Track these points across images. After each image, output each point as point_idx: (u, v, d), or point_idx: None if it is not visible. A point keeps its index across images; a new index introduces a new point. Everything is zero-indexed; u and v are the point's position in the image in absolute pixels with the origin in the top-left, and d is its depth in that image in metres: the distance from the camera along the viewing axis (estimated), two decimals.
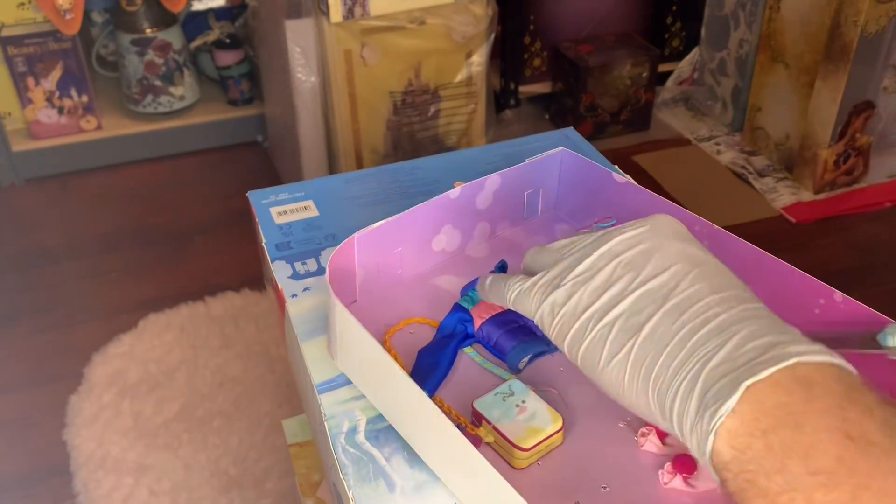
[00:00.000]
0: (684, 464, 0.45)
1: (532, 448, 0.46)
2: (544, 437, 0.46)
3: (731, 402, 0.33)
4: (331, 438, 0.47)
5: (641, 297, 0.39)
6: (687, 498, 0.45)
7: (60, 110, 1.73)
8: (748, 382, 0.33)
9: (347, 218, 0.65)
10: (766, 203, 1.63)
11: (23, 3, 1.65)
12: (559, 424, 0.47)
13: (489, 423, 0.47)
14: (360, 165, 1.53)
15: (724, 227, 0.54)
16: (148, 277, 1.47)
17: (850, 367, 0.34)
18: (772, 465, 0.32)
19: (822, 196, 1.64)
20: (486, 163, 0.71)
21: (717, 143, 1.82)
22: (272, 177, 1.72)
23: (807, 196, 1.64)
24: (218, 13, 1.85)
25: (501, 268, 0.58)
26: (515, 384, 0.49)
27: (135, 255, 1.54)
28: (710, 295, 0.38)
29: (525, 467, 0.47)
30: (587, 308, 0.40)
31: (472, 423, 0.48)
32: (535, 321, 0.43)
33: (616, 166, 0.64)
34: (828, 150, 1.60)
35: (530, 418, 0.47)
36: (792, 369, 0.33)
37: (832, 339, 0.46)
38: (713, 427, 0.33)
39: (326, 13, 1.37)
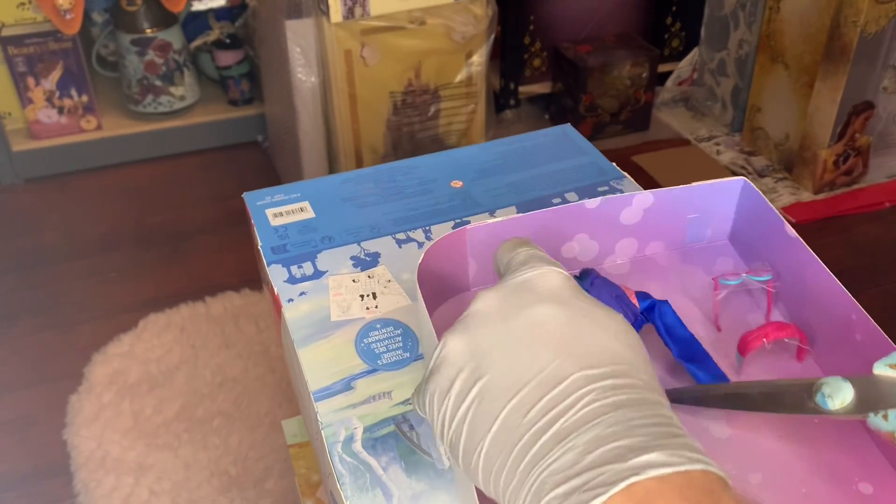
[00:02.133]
0: None
1: None
2: None
3: None
4: (327, 447, 0.46)
5: (488, 386, 0.35)
6: None
7: (60, 110, 1.73)
8: None
9: (344, 219, 0.64)
10: None
11: (23, 3, 1.65)
12: None
13: None
14: (359, 165, 1.53)
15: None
16: (148, 277, 1.47)
17: (710, 467, 0.31)
18: None
19: (821, 196, 1.64)
20: (483, 161, 0.70)
21: (717, 144, 1.82)
22: (272, 177, 1.72)
23: (806, 196, 1.64)
24: (218, 13, 1.85)
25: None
26: None
27: (135, 254, 1.54)
28: (556, 385, 0.34)
29: None
30: (440, 408, 0.37)
31: None
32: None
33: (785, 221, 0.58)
34: (827, 151, 1.60)
35: None
36: (627, 492, 0.29)
37: (768, 399, 0.45)
38: None
39: (326, 13, 1.37)
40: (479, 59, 1.52)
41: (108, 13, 1.80)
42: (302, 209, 0.65)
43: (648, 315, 0.53)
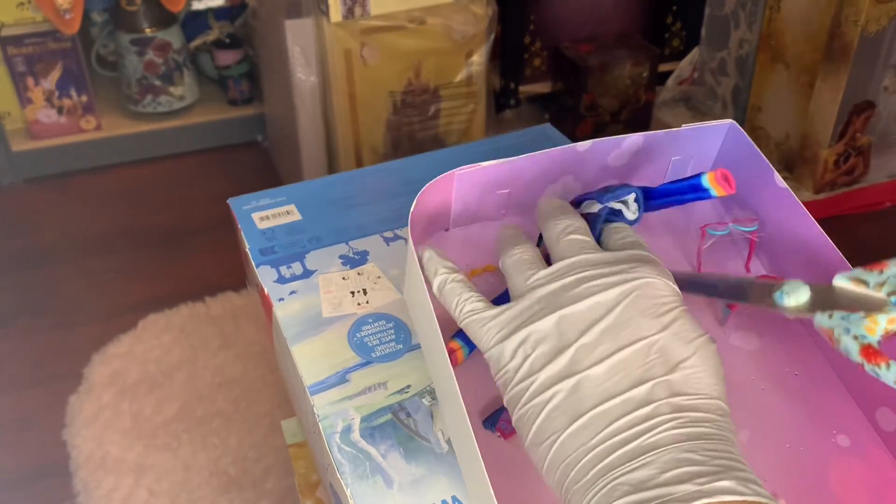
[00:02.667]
0: None
1: None
2: None
3: None
4: (326, 438, 0.47)
5: (580, 385, 0.37)
6: None
7: (60, 110, 1.73)
8: None
9: (331, 220, 0.64)
10: None
11: (22, 3, 1.65)
12: None
13: None
14: (359, 165, 1.53)
15: None
16: (147, 277, 1.47)
17: (772, 502, 0.33)
18: None
19: (822, 196, 1.64)
20: (466, 162, 0.70)
21: None
22: (272, 177, 1.72)
23: (807, 196, 1.64)
24: (218, 13, 1.85)
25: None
26: None
27: (134, 255, 1.54)
28: (647, 405, 0.36)
29: None
30: (528, 376, 0.38)
31: None
32: (485, 358, 0.42)
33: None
34: (828, 150, 1.59)
35: None
36: None
37: (735, 291, 0.47)
38: None
39: (326, 13, 1.37)
40: (479, 58, 1.51)
41: (107, 13, 1.80)
42: (288, 212, 0.65)
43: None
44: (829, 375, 0.51)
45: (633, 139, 0.57)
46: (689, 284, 0.49)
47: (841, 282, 0.43)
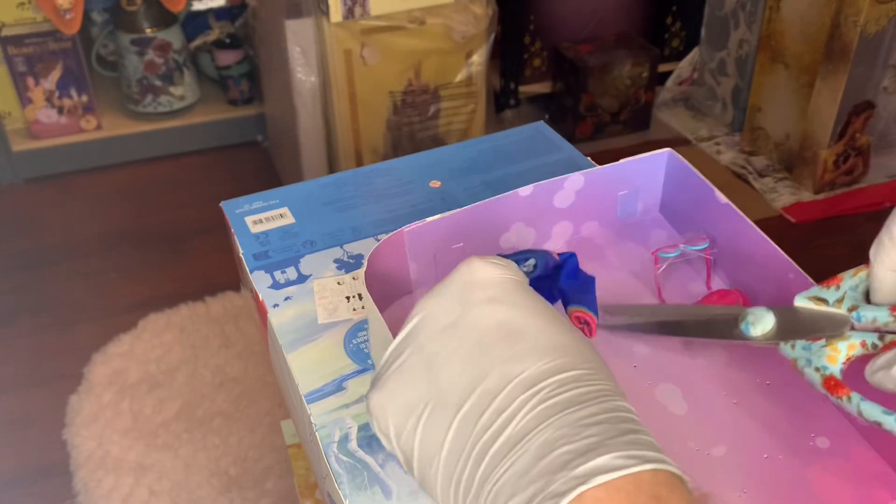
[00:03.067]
0: None
1: None
2: None
3: None
4: (323, 448, 0.47)
5: (441, 395, 0.35)
6: None
7: (60, 110, 1.73)
8: None
9: (325, 224, 0.64)
10: (766, 203, 1.63)
11: (23, 3, 1.65)
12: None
13: None
14: (359, 165, 1.53)
15: None
16: (148, 277, 1.47)
17: (659, 466, 0.30)
18: None
19: (821, 196, 1.64)
20: (460, 160, 0.70)
21: (717, 144, 1.82)
22: (272, 177, 1.72)
23: (807, 196, 1.64)
24: (218, 13, 1.85)
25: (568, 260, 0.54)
26: None
27: (135, 254, 1.54)
28: (505, 386, 0.33)
29: None
30: (397, 430, 0.37)
31: None
32: None
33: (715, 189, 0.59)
34: (828, 151, 1.60)
35: None
36: (578, 501, 0.29)
37: (701, 327, 0.48)
38: None
39: (326, 13, 1.37)
40: (479, 58, 1.52)
41: (107, 13, 1.80)
42: (282, 215, 0.65)
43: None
44: (800, 380, 0.51)
45: (574, 178, 0.58)
46: (657, 326, 0.50)
47: (802, 302, 0.43)
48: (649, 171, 0.61)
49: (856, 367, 0.41)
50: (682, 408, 0.50)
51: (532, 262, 0.49)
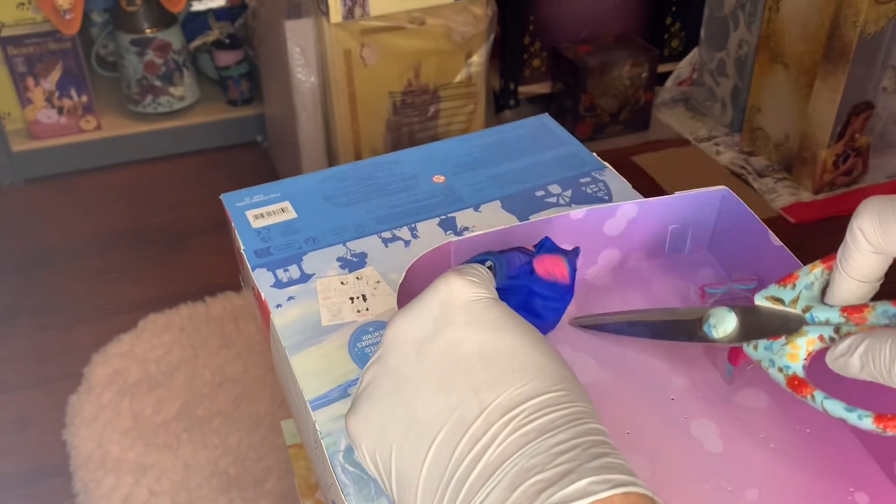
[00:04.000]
0: None
1: None
2: None
3: None
4: (329, 458, 0.45)
5: (413, 423, 0.35)
6: None
7: (60, 110, 1.73)
8: None
9: (327, 219, 0.62)
10: (766, 203, 1.63)
11: (22, 4, 1.65)
12: None
13: None
14: None
15: None
16: (148, 277, 1.47)
17: (630, 489, 0.30)
18: None
19: (821, 196, 1.64)
20: (463, 154, 0.69)
21: (717, 144, 1.82)
22: (272, 177, 1.72)
23: (806, 196, 1.64)
24: (218, 13, 1.85)
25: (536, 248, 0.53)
26: None
27: (134, 254, 1.54)
28: (478, 416, 0.33)
29: None
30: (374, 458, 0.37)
31: None
32: None
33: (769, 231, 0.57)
34: (827, 151, 1.60)
35: None
36: None
37: (666, 327, 0.48)
38: None
39: (326, 13, 1.37)
40: (478, 59, 1.52)
41: (107, 13, 1.80)
42: (283, 209, 0.63)
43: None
44: (842, 429, 0.49)
45: (627, 207, 0.57)
46: (626, 326, 0.50)
47: (760, 301, 0.44)
48: (703, 206, 0.59)
49: (818, 361, 0.42)
50: (718, 446, 0.48)
51: (489, 263, 0.48)
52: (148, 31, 1.71)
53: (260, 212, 0.63)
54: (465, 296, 0.37)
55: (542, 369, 0.35)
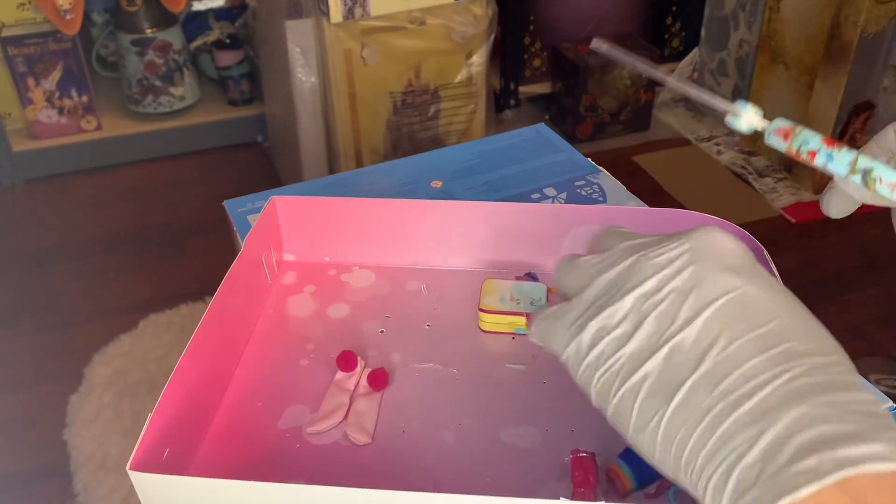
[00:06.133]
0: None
1: (490, 312, 0.52)
2: (507, 310, 0.52)
3: None
4: None
5: (672, 354, 0.32)
6: None
7: (60, 110, 1.73)
8: (785, 502, 0.26)
9: None
10: (766, 203, 1.63)
11: (23, 4, 1.65)
12: (524, 317, 0.51)
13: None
14: (359, 165, 1.53)
15: None
16: (148, 277, 1.47)
17: None
18: None
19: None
20: (461, 161, 0.71)
21: (717, 144, 1.82)
22: (272, 177, 1.73)
23: (807, 196, 1.64)
24: (218, 13, 1.85)
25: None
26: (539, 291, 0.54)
27: (135, 255, 1.54)
28: (754, 356, 0.30)
29: (489, 331, 0.53)
30: (611, 363, 0.34)
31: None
32: (561, 362, 0.37)
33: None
34: None
35: (517, 300, 0.53)
36: (841, 486, 0.26)
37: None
38: None
39: (326, 13, 1.37)
40: (479, 59, 1.52)
41: (108, 13, 1.80)
42: None
43: None
44: None
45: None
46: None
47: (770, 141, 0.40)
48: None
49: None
50: None
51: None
52: (148, 31, 1.71)
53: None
54: (730, 246, 0.34)
55: (818, 337, 0.31)
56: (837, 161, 0.36)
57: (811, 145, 0.37)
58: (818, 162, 0.37)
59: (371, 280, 0.57)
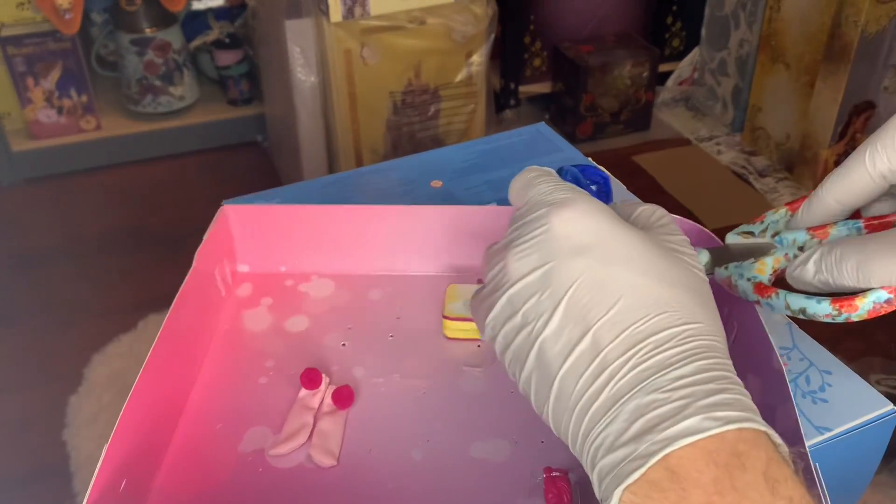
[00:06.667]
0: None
1: (455, 319, 0.51)
2: (471, 317, 0.50)
3: None
4: None
5: (541, 352, 0.35)
6: None
7: (60, 110, 1.73)
8: (622, 488, 0.31)
9: None
10: (767, 203, 1.63)
11: (22, 3, 1.64)
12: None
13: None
14: (359, 165, 1.53)
15: (724, 228, 0.54)
16: (147, 277, 1.47)
17: (744, 425, 0.31)
18: None
19: None
20: (461, 160, 0.70)
21: (718, 144, 1.82)
22: (272, 177, 1.72)
23: None
24: (217, 13, 1.85)
25: None
26: None
27: (134, 255, 1.54)
28: (606, 344, 0.34)
29: (453, 338, 0.51)
30: (508, 356, 0.37)
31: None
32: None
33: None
34: (828, 151, 1.59)
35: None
36: (664, 462, 0.30)
37: None
38: None
39: (326, 13, 1.37)
40: (479, 58, 1.51)
41: (107, 13, 1.80)
42: None
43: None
44: None
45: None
46: None
47: (732, 239, 0.47)
48: None
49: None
50: None
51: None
52: (148, 30, 1.71)
53: None
54: (580, 228, 0.36)
55: (668, 301, 0.35)
56: (776, 307, 0.42)
57: (750, 298, 0.44)
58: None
59: (330, 289, 0.56)
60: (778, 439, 0.32)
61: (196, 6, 1.84)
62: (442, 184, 0.68)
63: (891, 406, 0.48)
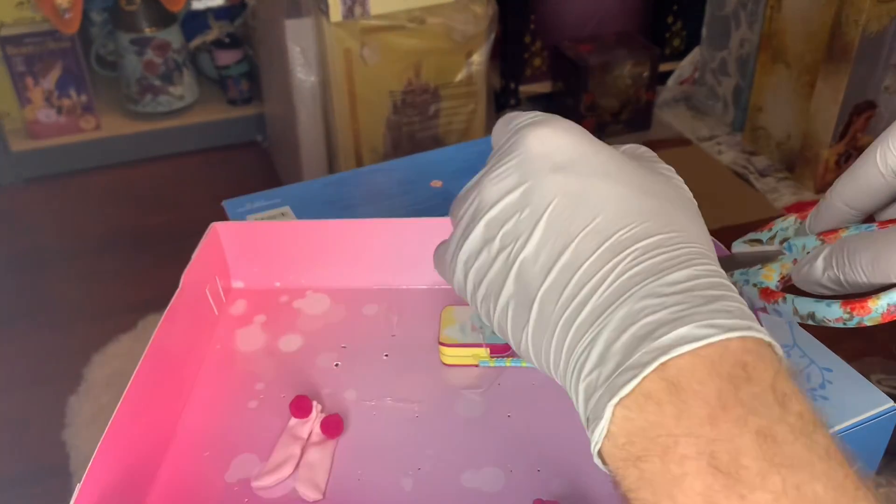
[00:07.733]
0: None
1: (451, 346, 0.49)
2: (467, 342, 0.49)
3: (602, 425, 0.28)
4: None
5: (520, 273, 0.33)
6: None
7: (59, 110, 1.72)
8: (614, 402, 0.28)
9: None
10: (768, 203, 1.63)
11: (21, 3, 1.64)
12: (486, 348, 0.49)
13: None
14: (359, 165, 1.53)
15: (724, 227, 0.53)
16: (147, 278, 1.47)
17: (748, 333, 0.28)
18: (646, 500, 0.27)
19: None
20: (460, 160, 0.70)
21: (718, 143, 1.82)
22: (272, 177, 1.72)
23: (808, 196, 1.64)
24: (217, 13, 1.85)
25: None
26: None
27: (134, 255, 1.53)
28: (588, 256, 0.32)
29: (450, 364, 0.50)
30: (482, 291, 0.35)
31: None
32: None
33: None
34: (829, 150, 1.59)
35: (479, 328, 0.51)
36: (661, 372, 0.28)
37: None
38: (594, 450, 0.29)
39: (326, 13, 1.37)
40: (479, 58, 1.51)
41: (106, 13, 1.79)
42: (283, 214, 0.64)
43: None
44: None
45: None
46: None
47: (739, 247, 0.46)
48: None
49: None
50: None
51: None
52: (147, 30, 1.71)
53: (261, 216, 0.64)
54: (557, 144, 0.35)
55: (651, 211, 0.33)
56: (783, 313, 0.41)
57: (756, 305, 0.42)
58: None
59: (326, 305, 0.55)
60: (781, 352, 0.30)
61: (196, 6, 1.84)
62: (442, 184, 0.67)
63: (891, 403, 0.47)
